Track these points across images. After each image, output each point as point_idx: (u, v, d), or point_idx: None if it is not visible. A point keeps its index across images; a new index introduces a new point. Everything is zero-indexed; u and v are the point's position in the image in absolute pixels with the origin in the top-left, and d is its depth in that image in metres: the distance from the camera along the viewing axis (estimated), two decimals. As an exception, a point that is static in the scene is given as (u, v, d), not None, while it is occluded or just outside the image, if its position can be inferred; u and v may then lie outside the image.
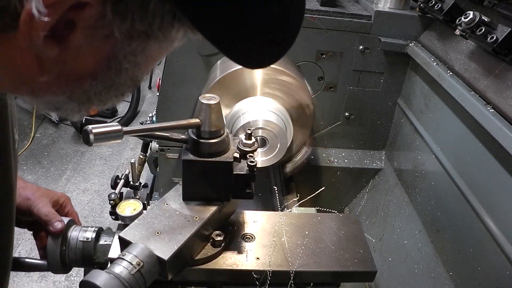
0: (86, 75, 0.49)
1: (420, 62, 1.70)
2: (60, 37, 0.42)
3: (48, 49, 0.43)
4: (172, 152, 1.93)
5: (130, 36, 0.45)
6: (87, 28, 0.43)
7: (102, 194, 3.18)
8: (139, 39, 0.46)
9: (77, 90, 0.51)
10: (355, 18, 1.76)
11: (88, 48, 0.46)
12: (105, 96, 0.53)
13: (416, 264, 1.60)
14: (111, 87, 0.52)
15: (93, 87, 0.51)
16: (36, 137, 3.85)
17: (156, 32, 0.45)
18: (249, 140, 0.96)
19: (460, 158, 1.47)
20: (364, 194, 2.11)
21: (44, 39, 0.42)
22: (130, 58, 0.49)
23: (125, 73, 0.50)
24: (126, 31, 0.44)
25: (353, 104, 1.95)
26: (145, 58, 0.50)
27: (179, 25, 0.46)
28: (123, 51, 0.48)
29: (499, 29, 1.23)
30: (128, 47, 0.47)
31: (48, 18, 0.39)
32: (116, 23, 0.43)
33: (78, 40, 0.43)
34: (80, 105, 0.54)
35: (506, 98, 1.22)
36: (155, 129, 0.85)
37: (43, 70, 0.46)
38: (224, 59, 1.67)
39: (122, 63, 0.49)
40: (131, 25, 0.43)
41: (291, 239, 1.02)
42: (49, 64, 0.45)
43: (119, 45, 0.46)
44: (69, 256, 0.97)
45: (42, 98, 0.52)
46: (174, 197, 0.97)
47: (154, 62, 0.53)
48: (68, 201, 1.06)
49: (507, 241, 1.18)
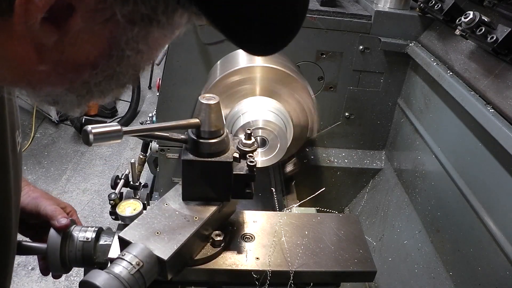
0: (86, 64, 0.47)
1: (420, 62, 1.70)
2: (58, 21, 0.41)
3: (46, 35, 0.41)
4: (172, 152, 1.93)
5: (132, 20, 0.43)
6: (87, 11, 0.41)
7: (102, 194, 3.18)
8: (142, 24, 0.44)
9: (77, 81, 0.49)
10: (355, 18, 1.76)
11: (88, 34, 0.44)
12: (105, 87, 0.51)
13: (416, 264, 1.60)
14: (112, 76, 0.50)
15: (93, 77, 0.49)
16: (36, 137, 3.85)
17: (160, 16, 0.44)
18: (248, 140, 0.96)
19: (460, 158, 1.47)
20: (364, 194, 2.11)
21: (42, 23, 0.40)
22: (133, 44, 0.47)
23: (126, 61, 0.49)
24: (128, 14, 0.42)
25: (353, 104, 1.95)
26: (147, 45, 0.48)
27: (183, 10, 0.44)
28: (125, 37, 0.46)
29: (499, 29, 1.23)
30: (130, 32, 0.45)
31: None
32: (118, 5, 0.41)
33: (78, 25, 0.41)
34: (80, 97, 0.52)
35: (506, 98, 1.22)
36: (155, 129, 0.85)
37: (41, 58, 0.44)
38: (224, 59, 1.67)
39: (124, 50, 0.47)
40: (133, 8, 0.41)
41: (291, 239, 1.02)
42: (48, 51, 0.43)
43: (120, 30, 0.45)
44: (69, 256, 0.97)
45: (41, 90, 0.50)
46: (174, 197, 0.97)
47: (156, 50, 0.52)
48: (74, 212, 1.06)
49: (507, 241, 1.18)
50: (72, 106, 0.53)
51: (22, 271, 2.50)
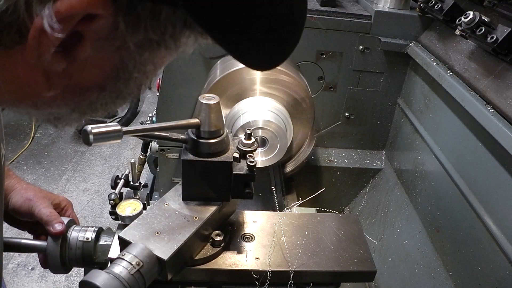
0: (93, 87, 0.48)
1: (420, 62, 1.70)
2: (67, 50, 0.41)
3: (55, 64, 0.42)
4: (172, 152, 1.93)
5: (142, 46, 0.44)
6: (97, 40, 0.41)
7: (102, 194, 3.18)
8: (151, 49, 0.45)
9: (83, 102, 0.49)
10: (355, 18, 1.76)
11: (96, 60, 0.44)
12: (110, 106, 0.52)
13: (416, 264, 1.60)
14: (118, 96, 0.51)
15: (100, 98, 0.50)
16: (36, 137, 3.85)
17: (168, 40, 0.45)
18: (248, 140, 0.96)
19: (460, 158, 1.47)
20: (364, 194, 2.11)
21: (53, 54, 0.40)
22: (140, 67, 0.48)
23: (133, 82, 0.50)
24: (138, 42, 0.43)
25: (353, 104, 1.95)
26: (153, 66, 0.50)
27: (190, 32, 0.45)
28: (133, 62, 0.46)
29: (499, 29, 1.23)
30: (139, 57, 0.46)
31: (61, 34, 0.38)
32: (129, 34, 0.41)
33: (86, 52, 0.42)
34: (83, 115, 0.53)
35: (506, 98, 1.22)
36: (154, 129, 0.85)
37: (49, 85, 0.44)
38: (224, 59, 1.67)
39: (131, 73, 0.48)
40: (144, 35, 0.42)
41: (290, 239, 1.02)
42: (56, 78, 0.44)
43: (129, 56, 0.45)
44: (69, 256, 0.97)
45: (44, 110, 0.50)
46: (174, 197, 0.97)
47: (161, 68, 0.52)
48: (69, 206, 1.05)
49: (507, 241, 1.18)
50: (72, 122, 0.54)
51: (22, 271, 2.50)
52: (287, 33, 0.48)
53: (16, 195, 0.96)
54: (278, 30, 0.46)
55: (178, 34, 0.45)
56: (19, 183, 0.99)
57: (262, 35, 0.45)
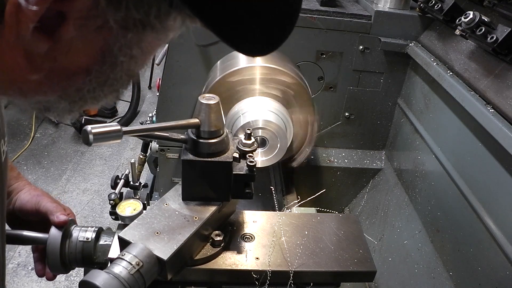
0: (79, 71, 0.46)
1: (420, 62, 1.70)
2: (50, 30, 0.40)
3: (37, 44, 0.41)
4: (172, 152, 1.94)
5: (125, 26, 0.43)
6: (79, 19, 0.40)
7: (102, 194, 3.18)
8: (135, 30, 0.44)
9: (70, 88, 0.48)
10: (355, 18, 1.76)
11: (81, 41, 0.43)
12: (99, 93, 0.50)
13: (416, 264, 1.60)
14: (105, 83, 0.49)
15: (87, 83, 0.48)
16: (36, 137, 3.85)
17: (153, 21, 0.43)
18: (248, 140, 0.96)
19: (460, 158, 1.47)
20: (364, 194, 2.11)
21: (33, 32, 0.39)
22: (126, 50, 0.46)
23: (120, 67, 0.48)
24: (121, 20, 0.42)
25: (353, 104, 1.95)
26: (140, 50, 0.48)
27: (176, 13, 0.44)
28: (118, 43, 0.45)
29: (499, 29, 1.23)
30: (123, 38, 0.45)
31: (36, 7, 0.37)
32: (110, 12, 0.40)
33: (70, 32, 0.41)
34: (72, 104, 0.51)
35: (506, 98, 1.22)
36: (154, 129, 0.85)
37: (33, 68, 0.43)
38: (224, 59, 1.67)
39: (117, 56, 0.46)
40: (126, 14, 0.41)
41: (290, 239, 1.02)
42: (39, 60, 0.43)
43: (113, 37, 0.44)
44: (69, 256, 0.98)
45: (32, 98, 0.49)
46: (174, 197, 0.97)
47: (150, 54, 0.51)
48: (73, 215, 1.06)
49: (507, 241, 1.18)
50: (64, 112, 0.53)
51: (22, 271, 2.50)
52: (281, 15, 0.46)
53: (24, 193, 0.99)
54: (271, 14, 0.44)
55: (164, 16, 0.43)
56: (28, 185, 1.02)
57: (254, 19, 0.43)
